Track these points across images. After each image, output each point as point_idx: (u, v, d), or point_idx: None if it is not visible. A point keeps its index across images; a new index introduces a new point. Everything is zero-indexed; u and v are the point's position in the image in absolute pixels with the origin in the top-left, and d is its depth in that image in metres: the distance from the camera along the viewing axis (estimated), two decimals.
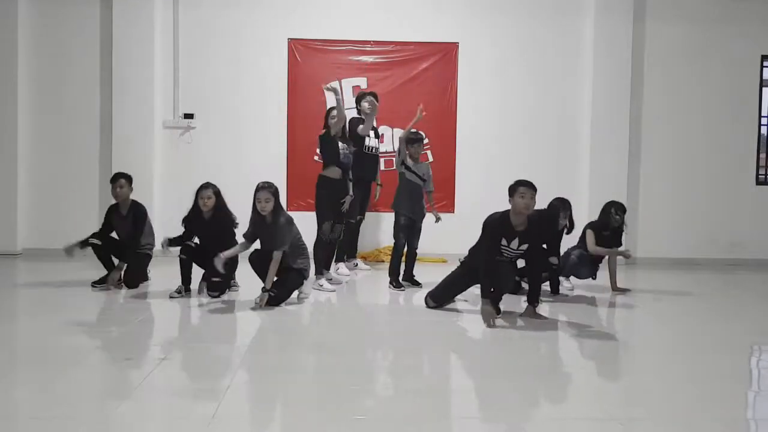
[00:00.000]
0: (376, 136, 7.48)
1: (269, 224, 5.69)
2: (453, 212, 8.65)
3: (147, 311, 5.50)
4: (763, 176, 9.08)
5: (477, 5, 8.71)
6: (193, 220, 6.04)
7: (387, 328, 5.27)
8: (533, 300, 5.34)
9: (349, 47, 8.66)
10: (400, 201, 6.55)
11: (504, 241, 5.25)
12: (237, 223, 6.06)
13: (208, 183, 6.06)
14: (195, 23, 8.57)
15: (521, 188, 5.17)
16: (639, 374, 4.14)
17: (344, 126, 6.67)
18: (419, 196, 6.58)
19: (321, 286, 6.36)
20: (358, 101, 7.35)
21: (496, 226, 5.24)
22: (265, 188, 5.66)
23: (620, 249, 6.63)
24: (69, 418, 3.10)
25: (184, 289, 5.96)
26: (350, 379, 3.83)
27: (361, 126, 7.03)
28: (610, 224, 6.51)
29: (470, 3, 8.71)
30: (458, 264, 5.73)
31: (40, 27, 8.47)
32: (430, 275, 6.70)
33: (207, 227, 6.02)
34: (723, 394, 3.66)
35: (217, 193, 6.00)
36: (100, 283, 6.32)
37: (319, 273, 6.46)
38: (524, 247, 5.28)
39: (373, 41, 8.68)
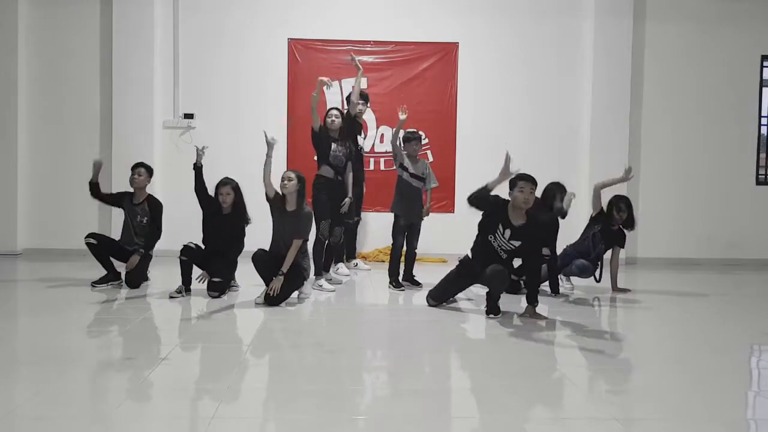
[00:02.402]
0: (364, 137, 7.46)
1: (291, 213, 5.74)
2: (453, 212, 8.65)
3: (147, 311, 5.50)
4: (763, 176, 9.08)
5: (477, 5, 8.71)
6: (211, 210, 6.09)
7: (387, 328, 5.27)
8: (532, 300, 5.34)
9: (349, 47, 8.65)
10: (396, 203, 6.55)
11: (499, 226, 5.30)
12: (250, 221, 6.15)
13: (227, 179, 6.11)
14: (195, 23, 8.57)
15: (520, 182, 5.25)
16: (638, 374, 4.14)
17: (342, 127, 6.65)
18: (416, 197, 6.54)
19: (321, 286, 6.36)
20: (348, 101, 7.34)
21: (496, 205, 5.32)
22: (291, 171, 5.88)
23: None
24: (69, 418, 3.10)
25: (185, 290, 5.96)
26: (350, 379, 3.83)
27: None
28: (616, 220, 6.49)
29: (470, 3, 8.71)
30: (458, 263, 5.73)
31: (40, 27, 8.47)
32: (430, 275, 6.70)
33: (223, 222, 6.06)
34: (723, 394, 3.66)
35: (236, 189, 6.08)
36: (100, 283, 6.32)
37: (318, 273, 6.47)
38: (516, 243, 5.31)
39: (373, 41, 8.68)
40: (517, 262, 5.76)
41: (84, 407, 3.28)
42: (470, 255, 5.58)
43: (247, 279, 6.21)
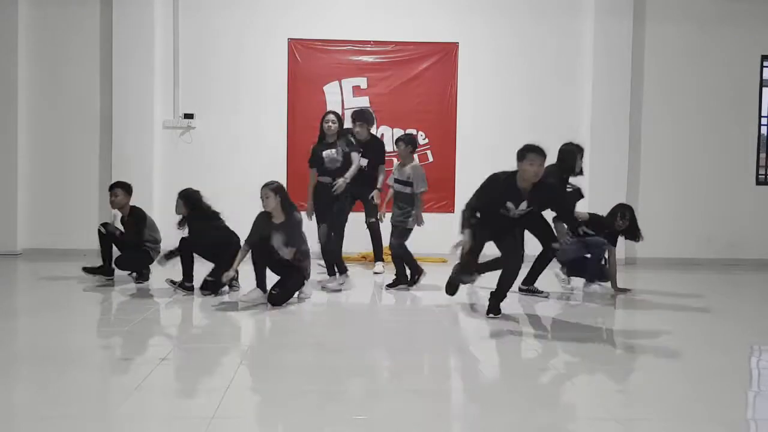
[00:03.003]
0: (375, 154, 7.25)
1: (280, 225, 5.70)
2: (453, 212, 8.63)
3: (147, 311, 5.50)
4: (763, 176, 9.08)
5: (477, 5, 8.71)
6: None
7: (387, 328, 5.27)
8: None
9: (349, 47, 8.66)
10: (393, 209, 6.57)
11: (510, 204, 5.12)
12: (217, 215, 6.14)
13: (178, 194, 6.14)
14: (195, 23, 8.56)
15: (530, 155, 5.01)
16: (639, 374, 4.14)
17: (339, 130, 6.60)
18: (404, 203, 6.41)
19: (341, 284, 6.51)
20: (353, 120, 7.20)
21: (500, 188, 5.13)
22: (266, 186, 5.72)
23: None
24: (69, 418, 3.10)
25: (186, 286, 5.94)
26: (350, 379, 3.83)
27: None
28: (615, 227, 6.46)
29: (470, 3, 8.71)
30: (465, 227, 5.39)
31: (40, 27, 8.47)
32: (430, 275, 6.71)
33: (198, 233, 6.08)
34: (723, 394, 3.66)
35: (185, 197, 6.07)
36: (91, 272, 6.45)
37: (332, 273, 6.54)
38: (526, 206, 5.14)
39: (373, 41, 8.67)
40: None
41: (84, 407, 3.28)
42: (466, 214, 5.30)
43: (248, 280, 6.21)
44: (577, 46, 8.75)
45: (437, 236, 7.65)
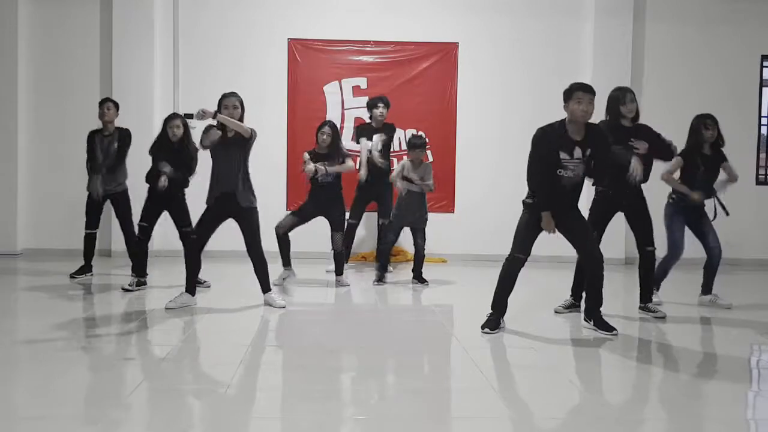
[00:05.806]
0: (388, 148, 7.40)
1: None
2: (453, 212, 8.64)
3: (147, 311, 5.50)
4: (763, 176, 9.07)
5: (477, 5, 8.71)
6: (161, 149, 6.31)
7: (387, 328, 5.27)
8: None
9: (349, 47, 8.66)
10: (395, 211, 6.68)
11: (563, 154, 4.71)
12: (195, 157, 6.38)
13: (175, 113, 6.38)
14: (195, 23, 8.56)
15: (578, 92, 4.67)
16: (639, 374, 4.14)
17: (333, 142, 6.56)
18: (415, 204, 6.58)
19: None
20: (369, 108, 7.36)
21: (550, 135, 4.75)
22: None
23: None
24: (69, 418, 3.10)
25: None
26: (350, 379, 3.83)
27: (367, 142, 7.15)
28: (707, 137, 6.08)
29: (470, 3, 8.71)
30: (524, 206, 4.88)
31: (40, 27, 8.47)
32: (430, 275, 6.71)
33: (174, 156, 6.26)
34: (723, 394, 3.66)
35: (186, 125, 6.38)
36: (79, 274, 6.59)
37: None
38: (588, 152, 4.72)
39: (373, 41, 8.67)
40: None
41: (84, 407, 3.28)
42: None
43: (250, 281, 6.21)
44: (576, 46, 8.75)
45: (437, 236, 7.67)
